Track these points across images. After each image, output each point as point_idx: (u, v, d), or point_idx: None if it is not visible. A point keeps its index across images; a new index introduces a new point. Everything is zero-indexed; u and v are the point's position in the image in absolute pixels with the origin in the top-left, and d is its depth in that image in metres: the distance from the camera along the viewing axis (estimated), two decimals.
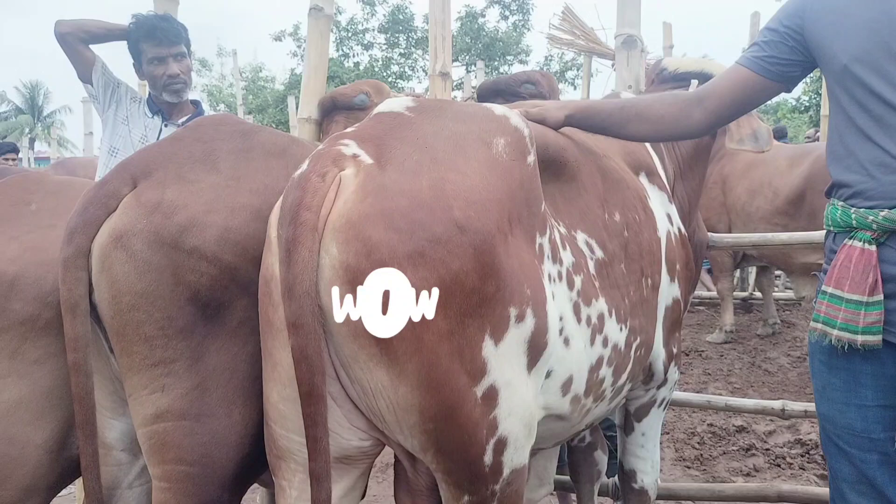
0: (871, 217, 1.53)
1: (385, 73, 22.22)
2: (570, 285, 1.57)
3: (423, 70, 22.22)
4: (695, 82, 2.38)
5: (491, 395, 1.34)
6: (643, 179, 2.10)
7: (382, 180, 1.28)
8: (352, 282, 1.23)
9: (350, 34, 22.31)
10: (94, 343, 1.55)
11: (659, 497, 2.77)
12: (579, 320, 1.59)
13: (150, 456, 1.52)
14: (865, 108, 1.54)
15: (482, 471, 1.37)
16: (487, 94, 2.84)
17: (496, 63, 21.63)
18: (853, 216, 1.57)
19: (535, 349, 1.41)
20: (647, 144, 2.21)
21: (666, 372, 2.08)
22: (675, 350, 2.10)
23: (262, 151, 1.68)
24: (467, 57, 21.06)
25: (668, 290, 2.04)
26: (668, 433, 4.61)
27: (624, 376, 1.78)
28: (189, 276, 1.47)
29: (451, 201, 1.28)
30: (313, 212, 1.24)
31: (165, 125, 3.01)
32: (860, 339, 1.53)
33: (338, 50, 22.17)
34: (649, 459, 2.25)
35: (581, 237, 1.69)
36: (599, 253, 1.72)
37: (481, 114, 1.51)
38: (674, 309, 2.07)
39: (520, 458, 1.43)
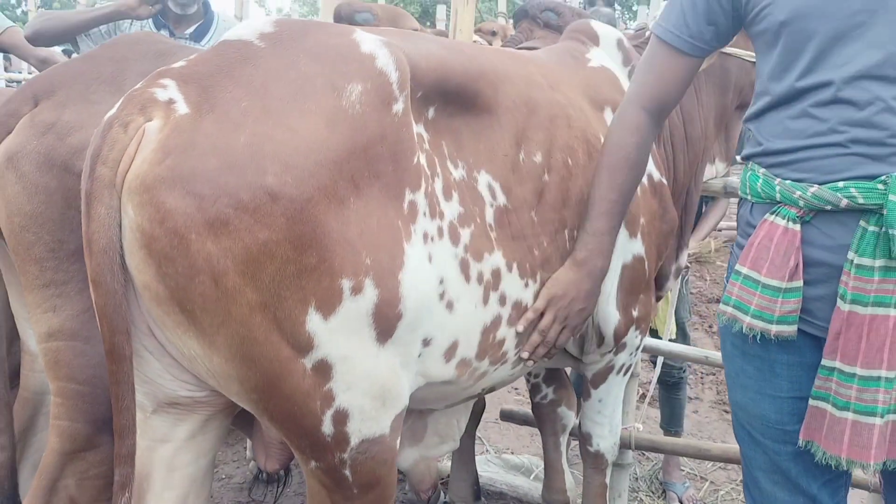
0: (798, 192, 1.32)
1: None
2: (455, 240, 1.42)
3: None
4: None
5: (323, 369, 1.26)
6: (608, 116, 1.84)
7: (192, 136, 1.15)
8: (148, 246, 1.15)
9: None
10: (7, 256, 1.61)
11: (642, 448, 2.66)
12: (468, 279, 1.45)
13: (46, 372, 1.58)
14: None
15: (322, 440, 1.31)
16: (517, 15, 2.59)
17: None
18: (777, 188, 1.35)
19: (385, 321, 1.30)
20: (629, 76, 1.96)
21: (621, 338, 1.90)
22: (635, 314, 1.90)
23: None
24: None
25: (626, 247, 1.82)
26: (713, 374, 4.39)
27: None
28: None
29: (267, 164, 1.15)
30: (109, 167, 1.15)
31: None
32: (774, 328, 1.36)
33: None
34: (607, 424, 2.12)
35: (484, 179, 1.51)
36: (502, 199, 1.53)
37: (342, 50, 1.31)
38: (634, 268, 1.85)
39: (372, 429, 1.36)
